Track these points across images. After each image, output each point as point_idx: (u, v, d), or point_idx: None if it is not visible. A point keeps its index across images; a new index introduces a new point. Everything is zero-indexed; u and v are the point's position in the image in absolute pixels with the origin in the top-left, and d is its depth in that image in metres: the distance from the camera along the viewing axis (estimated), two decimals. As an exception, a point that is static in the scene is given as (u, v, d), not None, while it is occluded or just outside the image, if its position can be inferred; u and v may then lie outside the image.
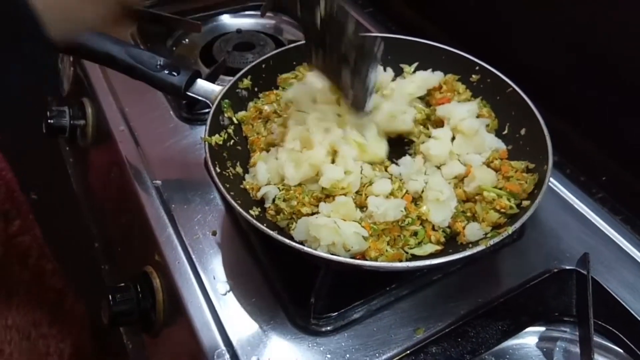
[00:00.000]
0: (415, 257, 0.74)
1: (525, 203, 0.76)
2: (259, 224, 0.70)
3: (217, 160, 0.82)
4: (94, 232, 1.24)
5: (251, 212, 0.77)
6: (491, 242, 0.69)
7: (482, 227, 0.75)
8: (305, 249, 0.69)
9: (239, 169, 0.86)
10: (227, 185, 0.77)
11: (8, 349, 0.90)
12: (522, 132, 0.87)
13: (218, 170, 0.79)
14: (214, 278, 0.80)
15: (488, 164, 0.84)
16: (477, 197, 0.78)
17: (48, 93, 1.40)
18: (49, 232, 1.13)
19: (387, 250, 0.73)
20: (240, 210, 0.72)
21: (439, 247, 0.74)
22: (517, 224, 0.70)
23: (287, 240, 0.69)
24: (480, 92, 0.95)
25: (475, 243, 0.73)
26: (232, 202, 0.73)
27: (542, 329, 0.78)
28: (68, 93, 1.32)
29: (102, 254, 1.18)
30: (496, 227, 0.76)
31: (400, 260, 0.73)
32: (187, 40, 1.31)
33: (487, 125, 0.90)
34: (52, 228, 1.15)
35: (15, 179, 0.99)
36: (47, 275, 1.03)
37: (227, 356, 0.71)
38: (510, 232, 0.69)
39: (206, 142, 0.82)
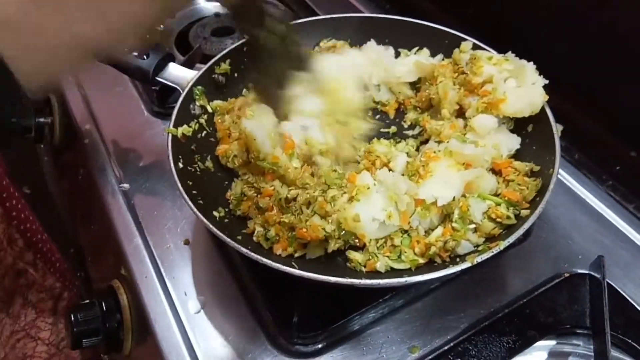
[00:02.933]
0: (394, 270, 0.65)
1: (525, 212, 0.66)
2: (221, 234, 0.61)
3: (182, 154, 0.73)
4: (69, 237, 1.16)
5: (215, 213, 0.69)
6: (478, 260, 0.59)
7: (474, 238, 0.66)
8: (282, 267, 0.59)
9: (209, 164, 0.78)
10: (190, 183, 0.69)
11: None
12: (529, 128, 0.78)
13: (181, 166, 0.71)
14: (185, 294, 0.72)
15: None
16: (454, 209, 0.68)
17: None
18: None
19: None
20: (198, 213, 0.63)
21: (422, 261, 0.65)
22: (511, 238, 0.61)
23: (256, 256, 0.60)
24: None
25: (463, 258, 0.64)
26: (190, 203, 0.64)
27: (552, 343, 0.70)
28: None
29: (76, 261, 1.10)
30: (490, 238, 0.67)
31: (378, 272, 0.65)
32: (161, 26, 1.21)
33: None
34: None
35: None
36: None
37: (198, 384, 0.64)
38: (502, 247, 0.61)
39: (169, 134, 0.73)
